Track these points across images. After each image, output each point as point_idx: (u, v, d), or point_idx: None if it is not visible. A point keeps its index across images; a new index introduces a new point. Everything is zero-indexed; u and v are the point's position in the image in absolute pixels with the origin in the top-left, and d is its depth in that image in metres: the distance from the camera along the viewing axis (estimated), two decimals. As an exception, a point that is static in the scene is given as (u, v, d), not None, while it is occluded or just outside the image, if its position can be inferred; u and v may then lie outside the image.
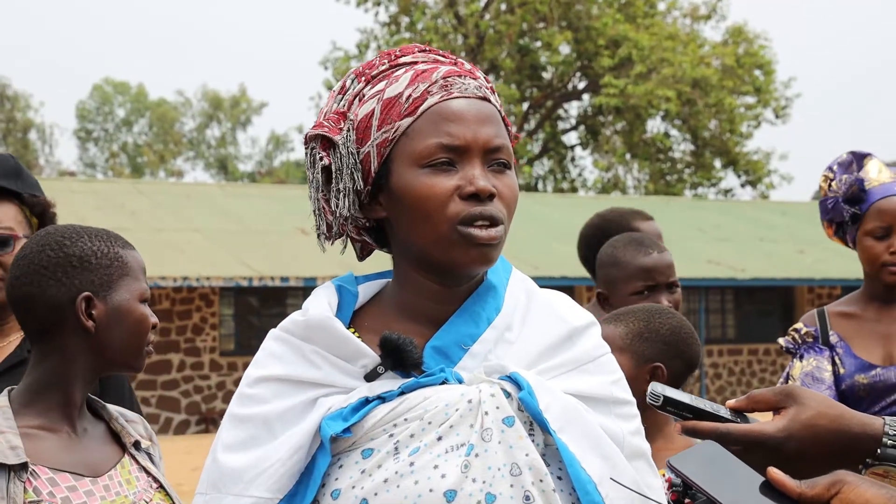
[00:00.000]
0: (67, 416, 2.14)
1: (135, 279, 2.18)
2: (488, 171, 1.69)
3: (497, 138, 1.70)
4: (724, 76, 33.27)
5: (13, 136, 42.63)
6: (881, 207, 3.39)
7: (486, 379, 1.66)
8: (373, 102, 1.71)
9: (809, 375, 3.38)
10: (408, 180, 1.68)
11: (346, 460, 1.63)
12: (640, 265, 3.26)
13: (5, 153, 2.79)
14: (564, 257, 21.14)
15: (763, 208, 28.85)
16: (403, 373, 1.67)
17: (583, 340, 1.77)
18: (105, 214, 20.08)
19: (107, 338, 2.15)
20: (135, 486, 2.16)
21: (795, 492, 1.41)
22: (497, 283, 1.77)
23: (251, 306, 20.63)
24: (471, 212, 1.65)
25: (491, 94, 1.76)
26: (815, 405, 1.57)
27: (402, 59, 1.76)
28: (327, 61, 34.99)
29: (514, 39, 32.87)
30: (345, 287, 1.80)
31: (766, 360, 23.57)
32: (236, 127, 52.71)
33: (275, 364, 1.72)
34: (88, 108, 52.94)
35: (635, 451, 1.73)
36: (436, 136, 1.68)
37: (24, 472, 2.00)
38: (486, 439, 1.61)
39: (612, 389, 1.75)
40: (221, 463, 1.69)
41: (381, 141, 1.70)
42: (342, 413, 1.63)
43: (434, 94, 1.70)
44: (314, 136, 1.74)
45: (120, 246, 2.20)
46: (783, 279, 22.25)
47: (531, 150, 35.32)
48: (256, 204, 22.81)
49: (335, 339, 1.69)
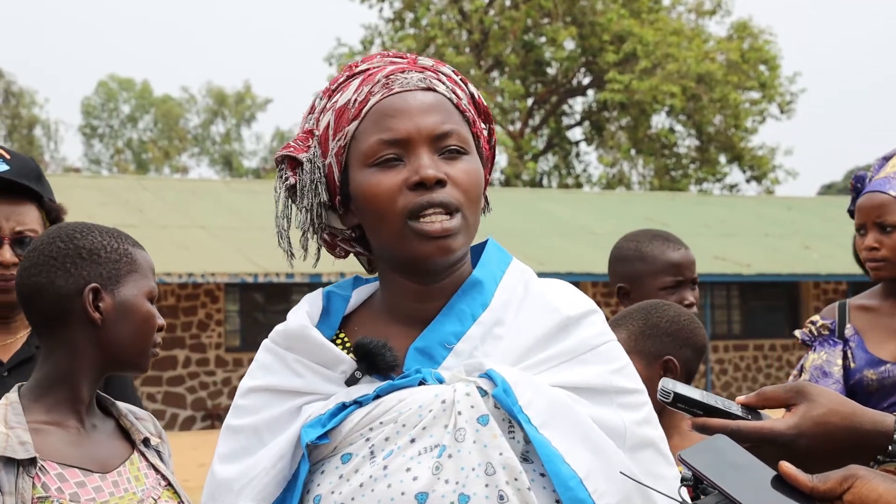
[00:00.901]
0: (76, 412, 2.14)
1: (143, 277, 2.19)
2: (439, 158, 1.67)
3: (444, 125, 1.69)
4: (728, 71, 33.23)
5: (18, 132, 42.68)
6: (858, 204, 3.39)
7: (463, 378, 1.64)
8: (329, 114, 1.73)
9: (818, 369, 3.37)
10: (360, 182, 1.69)
11: (327, 466, 1.64)
12: (670, 260, 3.26)
13: (26, 155, 2.79)
14: (569, 253, 21.13)
15: (768, 204, 28.81)
16: (382, 376, 1.67)
17: (579, 330, 1.73)
18: (110, 211, 20.09)
19: (113, 332, 2.15)
20: (143, 483, 2.16)
21: (808, 486, 1.41)
22: (484, 277, 1.74)
23: (256, 302, 20.65)
24: (418, 201, 1.64)
25: (445, 82, 1.74)
26: (827, 402, 1.56)
27: (359, 68, 1.76)
28: (332, 57, 35.00)
29: (519, 35, 32.85)
30: (335, 293, 1.80)
31: (771, 356, 23.54)
32: (241, 123, 52.74)
33: (263, 374, 1.75)
34: (93, 105, 52.98)
35: (642, 440, 1.70)
36: (377, 132, 1.68)
37: (33, 468, 2.01)
38: (459, 439, 1.60)
39: (612, 379, 1.71)
40: (216, 474, 1.72)
41: (337, 149, 1.71)
42: (321, 419, 1.63)
43: (376, 93, 1.70)
44: (283, 158, 1.76)
45: (130, 244, 2.21)
46: (789, 274, 22.22)
47: (536, 145, 35.30)
48: (261, 200, 22.81)
49: (313, 347, 1.70)
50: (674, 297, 3.18)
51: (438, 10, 33.72)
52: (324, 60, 35.42)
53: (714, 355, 23.12)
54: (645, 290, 3.22)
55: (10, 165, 2.68)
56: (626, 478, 1.61)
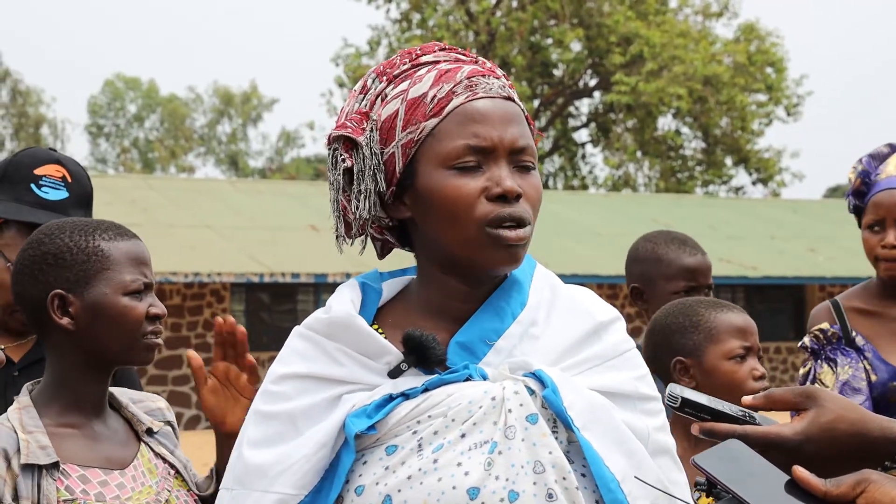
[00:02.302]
0: (85, 412, 2.13)
1: (116, 271, 2.12)
2: (514, 171, 1.69)
3: (522, 139, 1.70)
4: (735, 74, 33.20)
5: (25, 131, 42.74)
6: (875, 200, 3.31)
7: (510, 376, 1.66)
8: (396, 103, 1.71)
9: (847, 385, 3.27)
10: (435, 181, 1.68)
11: (370, 457, 1.63)
12: (685, 265, 3.21)
13: (84, 171, 2.72)
14: (574, 254, 21.13)
15: (774, 206, 28.79)
16: (427, 370, 1.67)
17: (608, 335, 1.76)
18: (116, 210, 20.11)
19: (90, 334, 2.11)
20: (156, 474, 2.16)
21: (821, 490, 1.41)
22: (522, 278, 1.77)
23: (262, 302, 20.66)
24: (499, 213, 1.66)
25: (513, 92, 1.75)
26: (836, 408, 1.56)
27: (424, 59, 1.75)
28: (338, 58, 35.02)
29: (526, 36, 32.85)
30: (368, 284, 1.80)
31: (776, 359, 23.52)
32: (247, 123, 52.78)
33: (299, 361, 1.73)
34: (100, 104, 53.07)
35: (660, 447, 1.73)
36: (462, 137, 1.67)
37: (56, 471, 1.99)
38: (510, 437, 1.60)
39: (637, 385, 1.74)
40: (246, 459, 1.69)
41: (406, 142, 1.69)
42: (366, 410, 1.63)
43: (459, 94, 1.69)
44: (337, 137, 1.73)
45: (106, 238, 2.14)
46: (794, 277, 22.20)
47: (542, 147, 35.31)
48: (267, 200, 22.83)
49: (359, 337, 1.70)
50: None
51: (445, 11, 33.72)
52: (330, 61, 35.47)
53: (719, 358, 23.07)
54: (658, 293, 3.18)
55: (69, 192, 2.64)
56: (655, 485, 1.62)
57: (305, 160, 50.80)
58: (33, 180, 2.63)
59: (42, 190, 2.63)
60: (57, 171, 2.66)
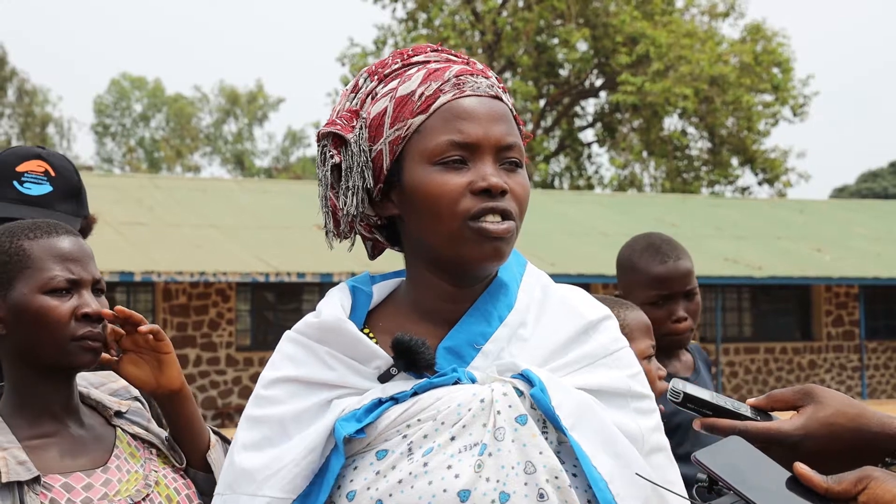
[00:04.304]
0: (57, 418, 2.05)
1: (37, 269, 2.02)
2: (500, 168, 1.69)
3: (509, 136, 1.71)
4: (741, 74, 33.19)
5: (31, 130, 42.81)
6: None
7: (499, 378, 1.66)
8: (385, 100, 1.72)
9: None
10: (420, 177, 1.68)
11: (360, 461, 1.64)
12: (655, 274, 3.08)
13: (71, 165, 2.68)
14: (581, 254, 21.13)
15: (780, 206, 28.77)
16: (416, 374, 1.67)
17: (598, 334, 1.76)
18: (122, 209, 20.16)
19: (18, 337, 2.03)
20: (139, 457, 2.10)
21: (822, 487, 1.41)
22: (509, 280, 1.77)
23: (267, 302, 20.68)
24: (482, 206, 1.66)
25: (503, 93, 1.76)
26: (835, 404, 1.57)
27: (415, 59, 1.76)
28: (344, 57, 35.06)
29: (532, 36, 32.85)
30: (359, 288, 1.80)
31: (782, 359, 23.50)
32: (253, 123, 52.86)
33: (289, 366, 1.73)
34: (106, 103, 53.17)
35: (655, 445, 1.73)
36: (448, 133, 1.68)
37: (38, 486, 1.93)
38: (499, 438, 1.61)
39: (629, 384, 1.74)
40: (237, 464, 1.70)
41: (394, 138, 1.71)
42: (356, 414, 1.63)
43: (446, 92, 1.70)
44: (326, 134, 1.75)
45: (30, 238, 2.05)
46: (800, 277, 22.19)
47: (547, 147, 35.30)
48: (273, 199, 22.86)
49: (348, 341, 1.70)
50: (662, 313, 3.03)
51: (451, 10, 33.75)
52: (336, 60, 35.52)
53: (725, 357, 23.09)
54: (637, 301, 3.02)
55: (53, 186, 2.61)
56: (643, 483, 1.62)
57: (311, 160, 50.83)
58: (15, 177, 2.60)
59: (24, 186, 2.60)
60: (39, 167, 2.64)
